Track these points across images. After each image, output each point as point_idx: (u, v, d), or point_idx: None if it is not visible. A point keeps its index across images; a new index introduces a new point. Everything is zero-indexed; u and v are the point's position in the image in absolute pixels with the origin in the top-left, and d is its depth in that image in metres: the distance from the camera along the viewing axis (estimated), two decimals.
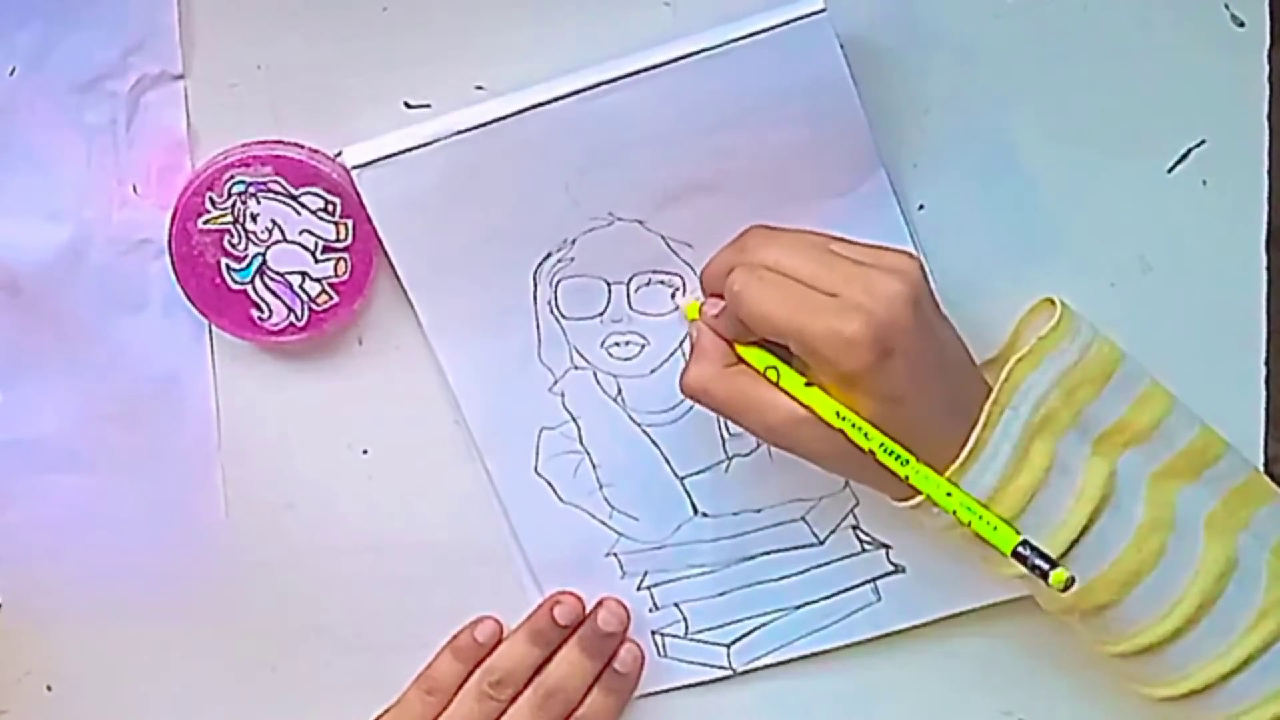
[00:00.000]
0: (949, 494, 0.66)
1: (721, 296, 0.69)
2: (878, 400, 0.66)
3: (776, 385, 0.68)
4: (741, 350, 0.70)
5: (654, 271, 0.74)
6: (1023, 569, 0.65)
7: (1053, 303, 0.71)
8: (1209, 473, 0.72)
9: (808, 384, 0.68)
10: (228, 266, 0.73)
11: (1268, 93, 0.73)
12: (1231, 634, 0.69)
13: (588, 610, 0.78)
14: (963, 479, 0.67)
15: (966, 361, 0.70)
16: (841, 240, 0.69)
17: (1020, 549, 0.65)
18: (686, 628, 0.79)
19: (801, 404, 0.67)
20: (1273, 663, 0.69)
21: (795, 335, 0.66)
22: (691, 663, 0.79)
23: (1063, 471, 0.68)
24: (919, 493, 0.67)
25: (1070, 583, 0.64)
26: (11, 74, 0.71)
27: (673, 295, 0.74)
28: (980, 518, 0.66)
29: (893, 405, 0.66)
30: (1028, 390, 0.68)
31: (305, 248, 0.72)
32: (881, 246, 0.69)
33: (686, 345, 0.75)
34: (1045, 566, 0.65)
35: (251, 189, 0.72)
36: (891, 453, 0.66)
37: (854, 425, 0.66)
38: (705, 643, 0.79)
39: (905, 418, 0.66)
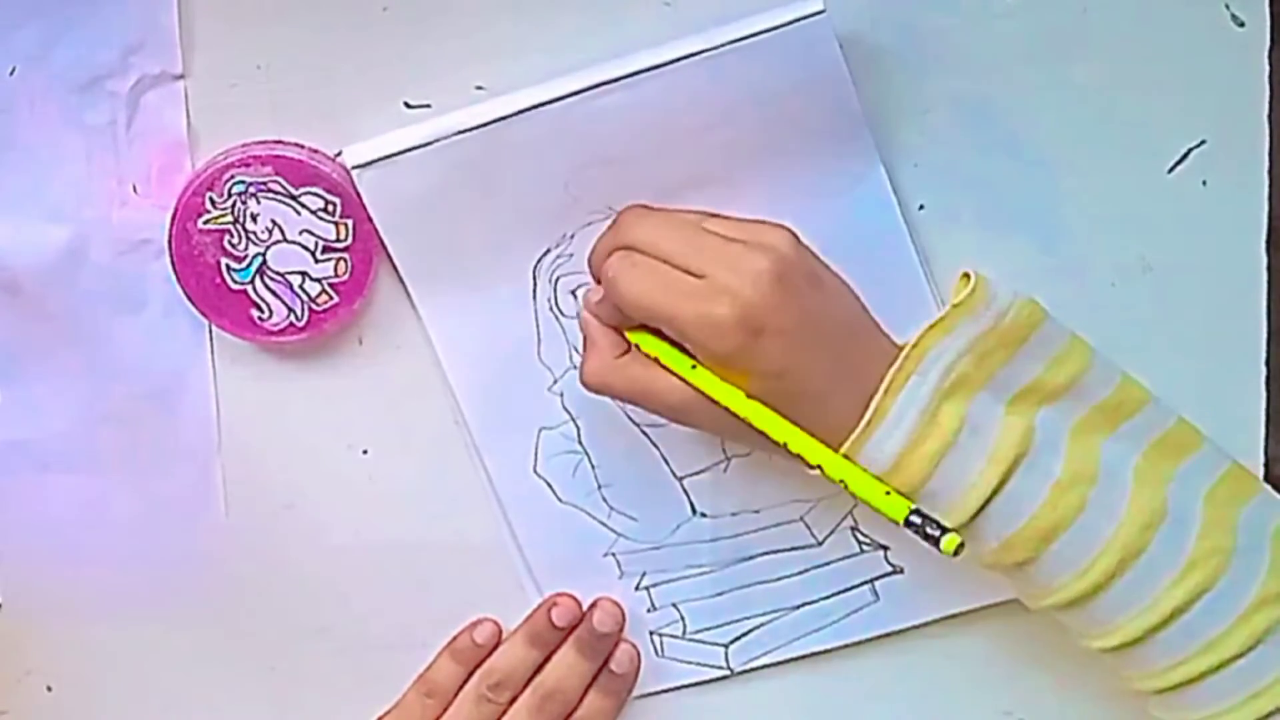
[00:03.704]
0: (843, 472, 0.66)
1: None
2: (759, 377, 0.66)
3: (666, 368, 0.68)
4: (630, 335, 0.70)
5: None
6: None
7: (969, 276, 0.69)
8: (1127, 425, 0.70)
9: (694, 365, 0.68)
10: (228, 266, 0.73)
11: (1268, 93, 0.73)
12: (1157, 587, 0.68)
13: (585, 611, 0.78)
14: (865, 446, 0.66)
15: (861, 327, 0.69)
16: (716, 217, 0.69)
17: (912, 517, 0.64)
18: (684, 628, 0.79)
19: (691, 385, 0.68)
20: (1202, 615, 0.68)
21: (667, 321, 0.66)
22: (689, 663, 0.79)
23: (974, 432, 0.67)
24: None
25: (960, 548, 0.64)
26: (11, 74, 0.71)
27: None
28: (871, 487, 0.65)
29: (775, 380, 0.66)
30: (937, 356, 0.67)
31: (305, 248, 0.72)
32: (756, 221, 0.68)
33: None
34: (936, 534, 0.64)
35: (251, 189, 0.72)
36: (773, 429, 0.66)
37: (737, 401, 0.66)
38: (703, 643, 0.79)
39: (792, 391, 0.66)
